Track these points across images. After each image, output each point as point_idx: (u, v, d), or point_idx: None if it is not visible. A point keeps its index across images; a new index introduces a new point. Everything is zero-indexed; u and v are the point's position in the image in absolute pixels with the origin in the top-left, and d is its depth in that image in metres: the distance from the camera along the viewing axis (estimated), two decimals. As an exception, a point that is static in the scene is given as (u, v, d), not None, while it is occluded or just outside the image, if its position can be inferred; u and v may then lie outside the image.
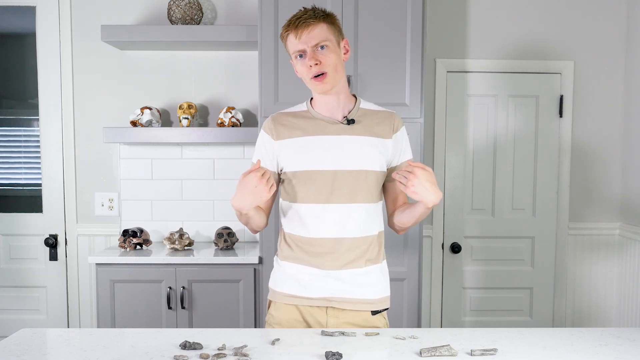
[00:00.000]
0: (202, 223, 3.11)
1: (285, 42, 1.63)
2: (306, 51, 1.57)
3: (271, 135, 1.66)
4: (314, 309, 1.65)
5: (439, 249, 3.14)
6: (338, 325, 1.64)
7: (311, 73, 1.58)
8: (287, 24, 1.60)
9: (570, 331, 1.57)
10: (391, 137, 1.67)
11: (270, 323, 1.70)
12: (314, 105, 1.69)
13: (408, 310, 2.63)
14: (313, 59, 1.56)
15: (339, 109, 1.66)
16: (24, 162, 3.34)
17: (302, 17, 1.57)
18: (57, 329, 1.56)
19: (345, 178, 1.61)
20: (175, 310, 2.64)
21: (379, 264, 1.69)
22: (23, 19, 3.23)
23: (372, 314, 1.67)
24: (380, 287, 1.69)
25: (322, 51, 1.57)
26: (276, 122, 1.67)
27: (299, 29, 1.56)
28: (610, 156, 3.15)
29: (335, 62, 1.59)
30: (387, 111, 1.72)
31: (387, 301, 1.71)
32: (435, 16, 3.09)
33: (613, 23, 3.11)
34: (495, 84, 3.10)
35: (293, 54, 1.61)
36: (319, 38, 1.56)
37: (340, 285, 1.63)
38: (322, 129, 1.64)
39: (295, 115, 1.69)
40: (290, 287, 1.66)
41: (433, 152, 3.11)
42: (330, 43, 1.58)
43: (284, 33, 1.61)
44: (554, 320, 3.18)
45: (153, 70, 3.08)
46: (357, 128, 1.64)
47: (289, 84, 2.58)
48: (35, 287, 3.14)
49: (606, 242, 3.17)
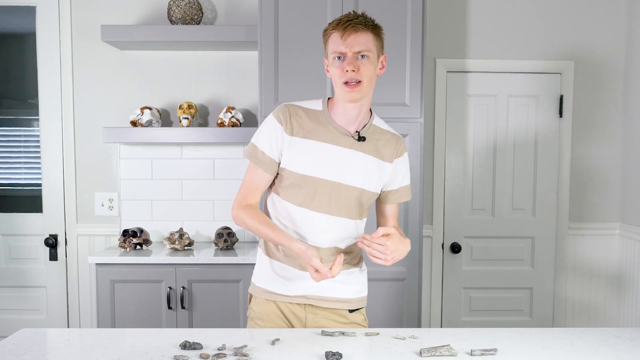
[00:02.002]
0: (202, 223, 3.11)
1: (326, 40, 1.58)
2: (347, 55, 1.53)
3: (285, 127, 1.60)
4: (293, 305, 1.67)
5: (439, 249, 3.14)
6: (316, 321, 1.67)
7: (345, 77, 1.53)
8: (335, 22, 1.55)
9: (570, 331, 1.57)
10: (392, 162, 1.68)
11: (251, 317, 1.73)
12: (331, 109, 1.64)
13: (408, 310, 2.63)
14: (352, 65, 1.52)
15: (356, 121, 1.63)
16: (24, 162, 3.34)
17: (353, 20, 1.52)
18: (57, 329, 1.56)
19: (344, 192, 1.62)
20: (175, 310, 2.64)
21: (359, 267, 1.74)
22: (23, 19, 3.23)
23: (349, 312, 1.71)
24: (358, 287, 1.73)
25: (362, 60, 1.53)
26: (292, 115, 1.61)
27: (346, 30, 1.52)
28: (610, 156, 3.15)
29: (372, 74, 1.56)
30: (395, 134, 1.71)
31: (364, 301, 1.75)
32: (435, 16, 3.09)
33: (613, 23, 3.11)
34: (495, 84, 3.10)
35: (332, 54, 1.56)
36: (363, 46, 1.53)
37: (320, 284, 1.64)
38: (333, 138, 1.61)
39: (309, 114, 1.63)
40: (270, 283, 1.68)
41: (433, 152, 3.11)
42: (372, 54, 1.55)
43: (329, 30, 1.56)
44: (554, 320, 3.18)
45: (153, 70, 3.08)
46: (365, 146, 1.63)
47: (289, 84, 2.58)
48: (35, 287, 3.14)
49: (606, 242, 3.17)
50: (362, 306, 1.75)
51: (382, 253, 1.50)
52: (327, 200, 1.61)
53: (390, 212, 1.77)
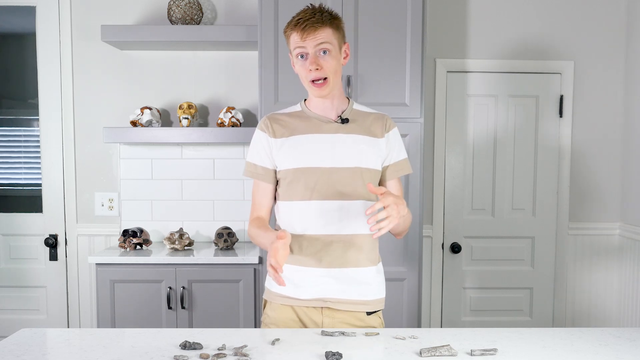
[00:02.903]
0: (202, 223, 3.11)
1: (287, 39, 1.63)
2: (308, 53, 1.58)
3: (268, 133, 1.67)
4: (309, 309, 1.65)
5: (438, 249, 3.14)
6: (334, 325, 1.64)
7: (310, 77, 1.59)
8: (293, 22, 1.58)
9: (570, 331, 1.57)
10: (383, 136, 1.69)
11: (266, 323, 1.71)
12: (309, 105, 1.71)
13: (408, 310, 2.63)
14: (314, 64, 1.56)
15: (333, 109, 1.68)
16: (24, 162, 3.34)
17: (310, 19, 1.55)
18: (57, 329, 1.56)
19: (341, 175, 1.62)
20: (175, 310, 2.64)
21: (375, 265, 1.70)
22: (23, 19, 3.23)
23: (367, 314, 1.67)
24: (377, 288, 1.69)
25: (324, 56, 1.58)
26: (272, 121, 1.68)
27: (305, 31, 1.55)
28: (610, 156, 3.15)
29: (336, 67, 1.60)
30: (379, 113, 1.74)
31: (382, 302, 1.72)
32: (435, 16, 3.09)
33: (613, 23, 3.11)
34: (495, 84, 3.10)
35: (294, 51, 1.61)
36: (323, 42, 1.56)
37: (336, 286, 1.63)
38: (316, 128, 1.65)
39: (290, 115, 1.70)
40: (285, 288, 1.66)
41: (433, 152, 3.11)
42: (333, 48, 1.58)
43: (288, 30, 1.61)
44: (554, 320, 3.18)
45: (153, 70, 3.09)
46: (351, 127, 1.66)
47: (289, 84, 2.58)
48: (35, 287, 3.14)
49: (606, 242, 3.17)
50: (380, 308, 1.71)
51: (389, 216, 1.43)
52: (326, 186, 1.61)
53: (393, 191, 1.72)
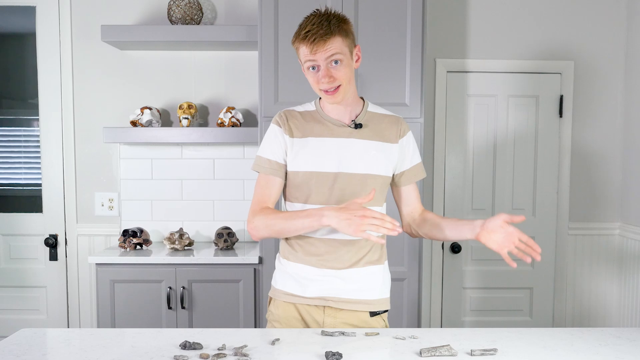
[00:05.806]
0: (202, 223, 3.11)
1: (297, 50, 1.58)
2: (320, 66, 1.54)
3: (285, 129, 1.64)
4: (311, 307, 1.65)
5: (439, 249, 3.14)
6: (335, 325, 1.64)
7: (323, 87, 1.55)
8: (302, 35, 1.52)
9: (570, 331, 1.57)
10: (397, 142, 1.67)
11: (270, 320, 1.72)
12: (323, 107, 1.68)
13: (408, 310, 2.63)
14: (327, 77, 1.53)
15: (347, 113, 1.65)
16: (24, 162, 3.34)
17: (318, 32, 1.50)
18: (57, 329, 1.56)
19: (348, 181, 1.61)
20: (175, 310, 2.64)
21: (381, 265, 1.69)
22: (23, 19, 3.23)
23: (370, 315, 1.66)
24: (380, 288, 1.68)
25: (336, 66, 1.54)
26: (289, 118, 1.66)
27: (314, 44, 1.50)
28: (610, 156, 3.15)
29: (349, 74, 1.57)
30: (394, 116, 1.71)
31: (386, 303, 1.70)
32: (435, 16, 3.09)
33: (613, 23, 3.11)
34: (495, 84, 3.10)
35: (305, 63, 1.56)
36: (334, 54, 1.52)
37: (339, 285, 1.63)
38: (329, 131, 1.63)
39: (304, 115, 1.67)
40: (289, 285, 1.67)
41: (433, 152, 3.11)
42: (344, 57, 1.54)
43: (296, 42, 1.56)
44: (554, 320, 3.18)
45: (153, 70, 3.08)
46: (364, 132, 1.64)
47: (289, 84, 2.58)
48: (35, 287, 3.14)
49: (606, 242, 3.17)
50: (385, 309, 1.69)
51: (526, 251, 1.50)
52: (334, 191, 1.60)
53: (412, 196, 1.72)
